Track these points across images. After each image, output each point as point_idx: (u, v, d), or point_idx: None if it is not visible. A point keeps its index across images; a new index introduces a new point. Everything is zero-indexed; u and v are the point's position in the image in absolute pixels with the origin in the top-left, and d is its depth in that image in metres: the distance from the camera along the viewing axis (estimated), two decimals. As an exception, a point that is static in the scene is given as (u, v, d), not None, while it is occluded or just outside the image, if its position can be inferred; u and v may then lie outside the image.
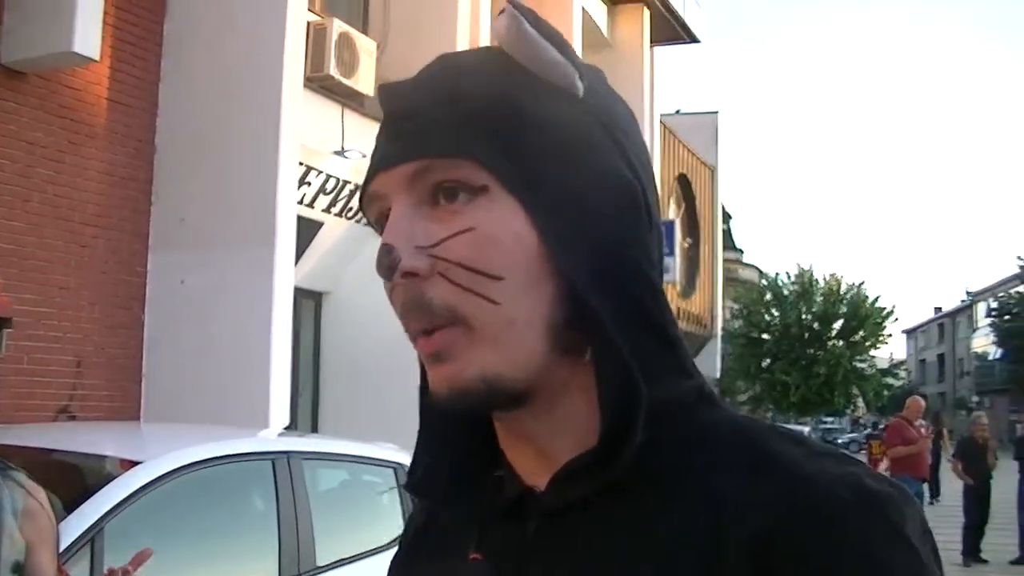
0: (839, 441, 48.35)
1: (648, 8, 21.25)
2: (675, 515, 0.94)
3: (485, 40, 13.41)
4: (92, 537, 3.96)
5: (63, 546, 3.82)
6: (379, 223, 1.02)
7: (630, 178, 1.02)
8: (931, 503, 20.67)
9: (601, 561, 0.96)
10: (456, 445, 1.10)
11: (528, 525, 1.03)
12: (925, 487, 15.02)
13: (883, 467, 25.62)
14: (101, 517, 4.03)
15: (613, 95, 1.09)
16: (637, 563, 0.94)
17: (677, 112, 34.33)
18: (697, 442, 0.98)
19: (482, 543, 1.06)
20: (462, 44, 12.49)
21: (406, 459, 5.89)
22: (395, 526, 5.74)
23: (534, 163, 0.97)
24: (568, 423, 1.00)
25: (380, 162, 1.01)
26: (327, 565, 5.10)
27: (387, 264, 0.96)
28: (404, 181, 0.98)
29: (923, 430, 15.29)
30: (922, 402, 15.62)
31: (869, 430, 43.41)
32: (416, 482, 1.11)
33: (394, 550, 1.25)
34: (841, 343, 47.01)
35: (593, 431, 0.98)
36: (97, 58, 8.45)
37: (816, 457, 0.94)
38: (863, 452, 31.11)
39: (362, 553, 5.36)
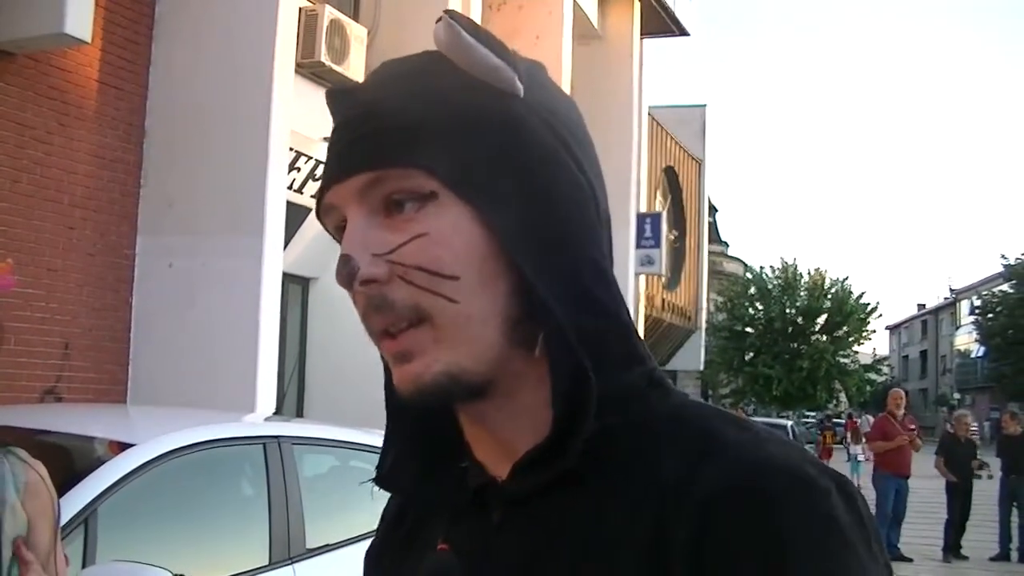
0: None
1: (638, 0, 21.24)
2: (626, 501, 0.97)
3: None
4: (86, 518, 3.97)
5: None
6: (338, 232, 1.05)
7: (575, 171, 1.05)
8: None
9: (559, 549, 0.99)
10: (423, 439, 1.13)
11: (493, 515, 1.06)
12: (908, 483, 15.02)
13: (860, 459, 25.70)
14: (95, 499, 4.04)
15: (556, 92, 1.10)
16: (590, 550, 0.97)
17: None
18: (649, 429, 1.01)
19: (450, 533, 1.09)
20: (453, 32, 12.46)
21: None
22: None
23: (479, 165, 1.00)
24: (526, 414, 1.03)
25: (332, 175, 1.03)
26: (317, 549, 5.11)
27: (346, 273, 0.99)
28: (356, 192, 1.01)
29: (911, 424, 15.34)
30: (900, 393, 15.65)
31: (821, 421, 43.51)
32: (384, 476, 1.15)
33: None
34: (824, 338, 47.08)
35: (546, 420, 1.01)
36: (88, 40, 8.41)
37: (760, 442, 0.97)
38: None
39: (351, 538, 5.37)
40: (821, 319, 47.78)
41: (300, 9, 10.27)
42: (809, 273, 49.17)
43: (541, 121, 1.04)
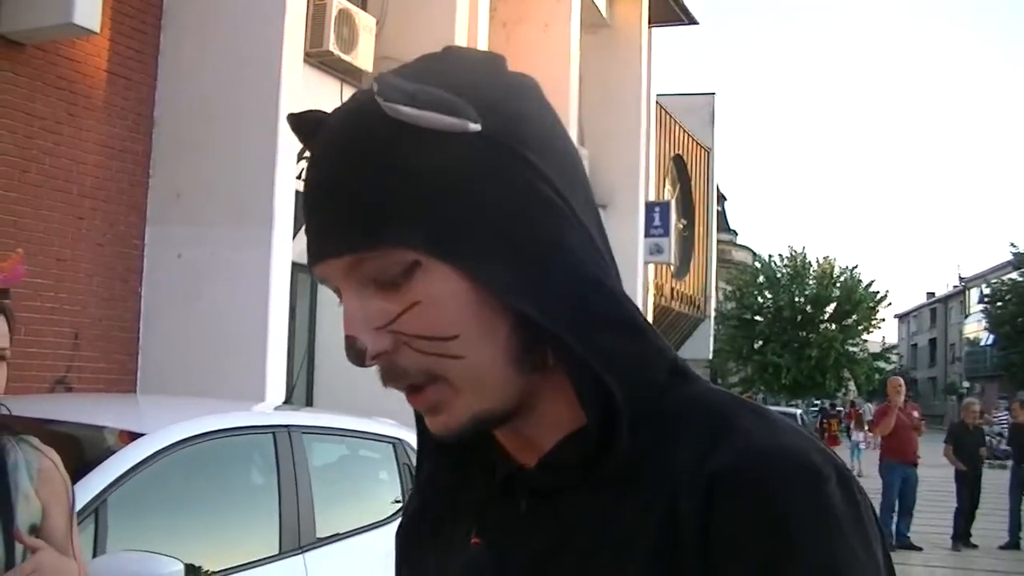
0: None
1: (646, -12, 21.25)
2: (644, 489, 1.01)
3: (484, 16, 13.40)
4: (96, 508, 3.98)
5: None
6: (337, 292, 1.07)
7: (547, 192, 1.04)
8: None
9: (580, 538, 1.03)
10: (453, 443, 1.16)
11: (520, 503, 1.10)
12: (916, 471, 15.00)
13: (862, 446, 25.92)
14: (105, 488, 4.04)
15: (519, 107, 1.07)
16: (609, 539, 1.01)
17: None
18: (669, 419, 1.04)
19: (481, 524, 1.13)
20: (461, 21, 12.47)
21: (404, 434, 5.92)
22: (393, 500, 5.78)
23: (452, 224, 1.00)
24: (548, 418, 1.08)
25: (313, 254, 1.06)
26: (327, 538, 5.12)
27: (355, 354, 1.03)
28: (340, 272, 1.04)
29: (913, 411, 15.34)
30: (899, 380, 15.57)
31: (824, 409, 43.56)
32: (423, 482, 1.23)
33: (392, 524, 1.32)
34: (833, 327, 46.97)
35: (570, 419, 1.06)
36: (97, 30, 8.43)
37: (774, 430, 1.00)
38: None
39: (361, 527, 5.38)
40: (830, 308, 47.65)
41: (308, -1, 10.27)
42: (818, 261, 49.04)
43: (506, 151, 1.03)
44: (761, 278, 49.56)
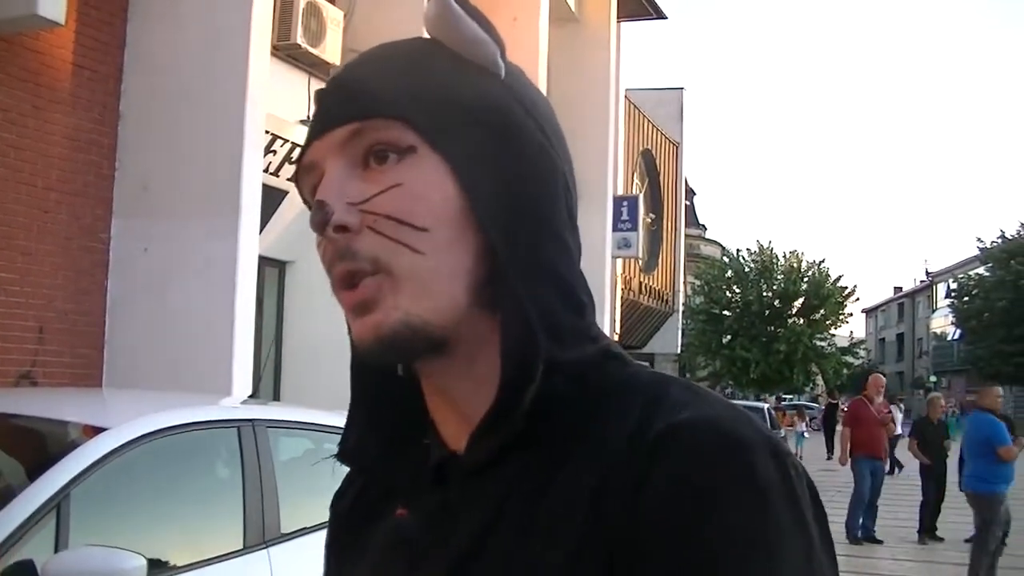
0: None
1: (616, -17, 21.26)
2: (575, 463, 0.98)
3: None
4: (58, 503, 3.95)
5: (29, 511, 3.81)
6: (312, 196, 1.06)
7: (548, 148, 1.08)
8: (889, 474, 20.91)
9: (510, 516, 1.00)
10: (387, 415, 1.16)
11: (452, 488, 1.07)
12: (885, 464, 15.11)
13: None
14: (67, 483, 4.01)
15: (533, 86, 1.14)
16: (540, 514, 0.98)
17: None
18: (602, 394, 1.02)
19: (410, 504, 1.10)
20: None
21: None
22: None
23: (458, 125, 1.03)
24: (486, 380, 1.03)
25: (314, 131, 1.07)
26: (291, 533, 5.09)
27: (320, 219, 1.01)
28: (337, 145, 1.04)
29: (885, 408, 15.46)
30: (882, 379, 15.71)
31: (783, 402, 44.10)
32: (347, 451, 1.17)
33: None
34: (801, 321, 47.27)
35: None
36: (62, 21, 8.35)
37: (705, 403, 0.98)
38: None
39: (326, 522, 5.35)
40: (798, 302, 47.97)
41: (276, -9, 10.23)
42: (785, 256, 49.31)
43: (518, 103, 1.08)
44: (729, 273, 49.81)
